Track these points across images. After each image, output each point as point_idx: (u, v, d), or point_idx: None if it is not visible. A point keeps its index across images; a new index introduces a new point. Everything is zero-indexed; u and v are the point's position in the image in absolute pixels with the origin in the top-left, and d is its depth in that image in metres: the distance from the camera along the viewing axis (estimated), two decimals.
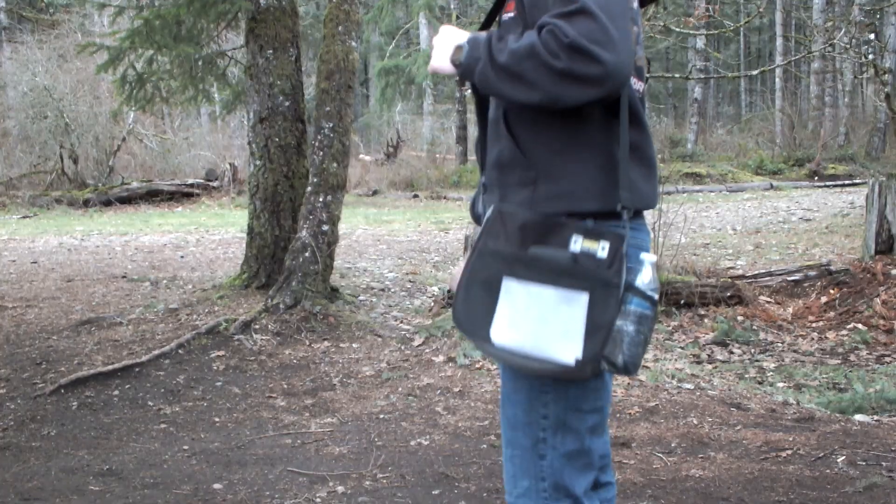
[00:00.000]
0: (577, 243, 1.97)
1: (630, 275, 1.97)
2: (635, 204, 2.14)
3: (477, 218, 2.31)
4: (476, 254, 2.13)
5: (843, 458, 4.33)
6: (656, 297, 1.98)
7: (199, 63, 9.44)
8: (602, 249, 1.96)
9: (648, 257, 2.00)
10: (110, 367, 6.13)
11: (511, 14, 2.13)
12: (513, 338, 2.06)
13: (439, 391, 5.60)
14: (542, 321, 2.02)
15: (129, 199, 20.47)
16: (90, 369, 6.16)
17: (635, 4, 2.17)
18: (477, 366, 5.97)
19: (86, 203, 20.07)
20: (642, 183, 2.17)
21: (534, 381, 2.11)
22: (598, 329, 1.95)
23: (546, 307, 2.00)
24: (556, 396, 2.10)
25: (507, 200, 2.14)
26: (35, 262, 11.69)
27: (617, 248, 1.96)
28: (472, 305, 2.13)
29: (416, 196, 21.22)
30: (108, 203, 20.16)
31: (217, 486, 4.19)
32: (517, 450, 2.16)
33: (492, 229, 2.10)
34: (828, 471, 4.18)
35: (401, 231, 14.39)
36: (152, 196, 20.74)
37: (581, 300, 1.96)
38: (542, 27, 1.95)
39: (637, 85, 2.18)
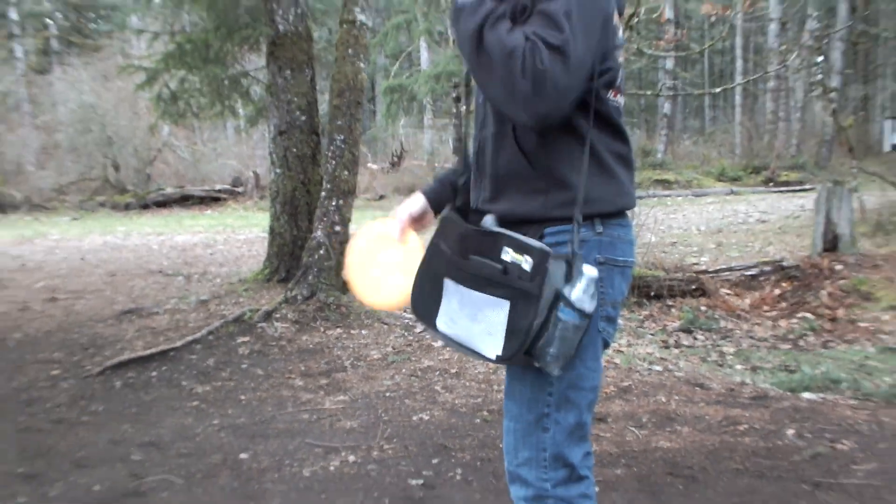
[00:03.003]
0: (508, 254, 1.97)
1: (568, 285, 1.95)
2: (627, 202, 2.16)
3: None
4: (429, 250, 2.16)
5: (793, 431, 4.35)
6: (589, 309, 1.96)
7: (226, 82, 9.46)
8: (526, 262, 1.94)
9: (588, 271, 1.97)
10: (149, 352, 6.16)
11: None
12: (452, 329, 2.08)
13: (438, 372, 5.62)
14: (472, 319, 2.02)
15: (164, 203, 20.51)
16: (131, 353, 6.19)
17: (620, 33, 2.16)
18: None
19: (126, 206, 20.12)
20: (631, 186, 2.18)
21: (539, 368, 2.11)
22: (516, 332, 1.95)
23: (476, 308, 2.01)
24: (560, 375, 2.09)
25: (518, 210, 2.11)
26: (83, 259, 11.71)
27: (540, 263, 1.93)
28: (423, 295, 2.16)
29: None
30: (145, 206, 20.20)
31: (243, 455, 4.22)
32: (520, 423, 2.14)
33: (443, 231, 2.12)
34: (779, 442, 4.20)
35: None
36: (185, 200, 20.78)
37: (504, 306, 1.96)
38: (528, 37, 1.88)
39: (618, 99, 2.17)
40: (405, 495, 3.65)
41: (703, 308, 7.35)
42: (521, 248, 1.97)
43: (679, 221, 14.69)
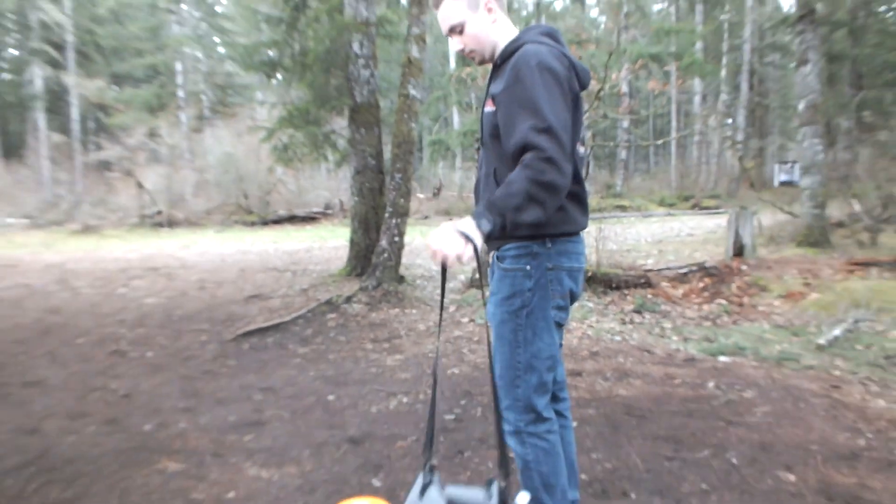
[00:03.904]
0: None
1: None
2: (572, 227, 2.09)
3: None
4: None
5: (713, 383, 4.29)
6: None
7: (320, 137, 9.49)
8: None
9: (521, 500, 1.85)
10: (267, 324, 6.19)
11: (491, 109, 2.05)
12: None
13: (465, 339, 5.59)
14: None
15: (278, 221, 20.63)
16: (255, 325, 6.23)
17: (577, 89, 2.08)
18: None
19: (252, 223, 20.27)
20: (579, 216, 2.11)
21: (512, 342, 2.08)
22: None
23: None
24: (524, 350, 2.07)
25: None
26: (223, 260, 11.81)
27: None
28: None
29: (451, 219, 21.07)
30: (265, 223, 20.33)
31: (331, 397, 4.22)
32: (503, 381, 2.12)
33: None
34: (703, 391, 4.14)
35: None
36: (292, 219, 20.89)
37: None
38: (524, 164, 1.84)
39: (580, 149, 2.12)
40: (442, 426, 3.63)
41: (649, 296, 7.26)
42: None
43: (632, 235, 14.55)
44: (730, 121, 26.82)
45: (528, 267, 2.06)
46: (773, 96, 31.49)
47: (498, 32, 2.15)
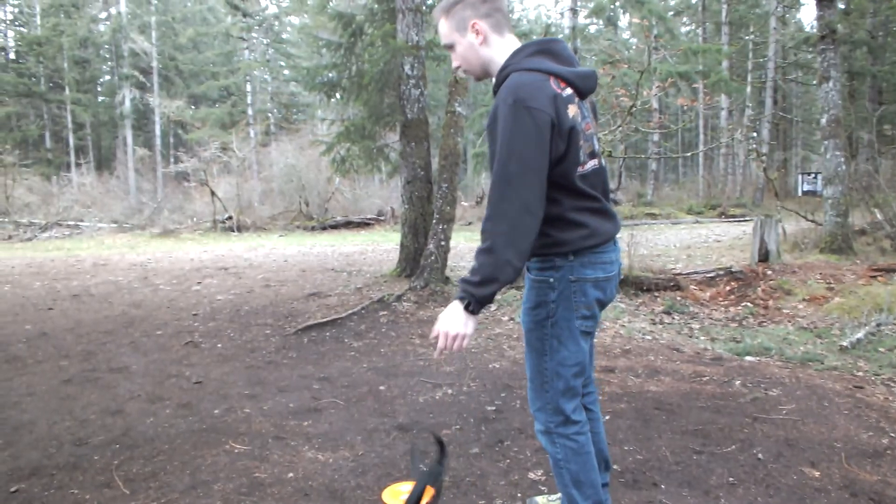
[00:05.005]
0: None
1: None
2: (595, 241, 1.96)
3: None
4: None
5: (739, 381, 4.16)
6: None
7: (374, 150, 9.54)
8: None
9: None
10: (325, 320, 6.22)
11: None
12: None
13: (505, 336, 5.54)
14: None
15: (335, 226, 20.83)
16: (314, 321, 6.27)
17: (570, 113, 1.86)
18: None
19: (312, 228, 20.50)
20: (604, 225, 1.98)
21: (539, 350, 2.02)
22: None
23: None
24: (550, 358, 2.00)
25: None
26: (286, 261, 11.95)
27: None
28: None
29: None
30: (324, 228, 20.54)
31: (382, 387, 4.21)
32: (533, 385, 2.06)
33: None
34: (730, 389, 4.01)
35: None
36: (348, 224, 21.07)
37: None
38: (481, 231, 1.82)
39: (588, 167, 1.95)
40: (483, 416, 3.59)
41: (678, 298, 7.11)
42: None
43: (662, 241, 14.28)
44: (755, 134, 26.18)
45: (551, 279, 1.97)
46: (796, 111, 30.72)
47: (490, 51, 2.00)
